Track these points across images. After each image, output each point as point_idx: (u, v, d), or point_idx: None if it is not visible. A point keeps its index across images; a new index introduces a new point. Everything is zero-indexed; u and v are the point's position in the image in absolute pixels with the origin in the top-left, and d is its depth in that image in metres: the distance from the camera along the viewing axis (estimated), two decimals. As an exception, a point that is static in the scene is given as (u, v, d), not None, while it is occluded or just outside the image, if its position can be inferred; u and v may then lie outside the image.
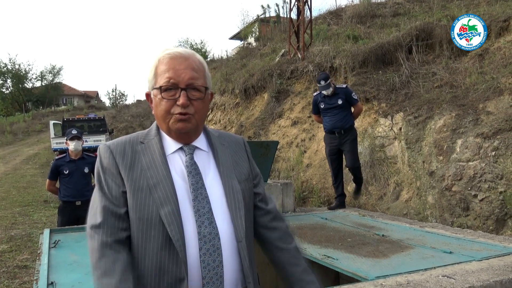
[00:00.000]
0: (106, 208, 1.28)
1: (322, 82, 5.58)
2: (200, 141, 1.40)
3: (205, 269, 1.22)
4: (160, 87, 1.30)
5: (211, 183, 1.33)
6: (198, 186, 1.29)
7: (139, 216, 1.25)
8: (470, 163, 5.77)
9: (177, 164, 1.33)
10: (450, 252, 3.24)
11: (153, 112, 1.39)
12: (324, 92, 5.58)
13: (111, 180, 1.30)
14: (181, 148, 1.36)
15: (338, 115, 5.53)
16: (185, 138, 1.36)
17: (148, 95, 1.40)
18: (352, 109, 5.70)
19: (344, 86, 5.80)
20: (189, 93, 1.30)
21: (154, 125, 1.41)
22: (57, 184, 5.35)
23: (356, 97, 5.70)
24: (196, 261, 1.23)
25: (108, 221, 1.26)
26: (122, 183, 1.29)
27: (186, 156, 1.34)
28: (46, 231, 4.00)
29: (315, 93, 5.90)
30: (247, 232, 1.34)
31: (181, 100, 1.28)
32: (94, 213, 1.30)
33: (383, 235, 3.94)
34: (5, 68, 42.41)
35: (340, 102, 5.52)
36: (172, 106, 1.30)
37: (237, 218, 1.31)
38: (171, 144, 1.36)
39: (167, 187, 1.26)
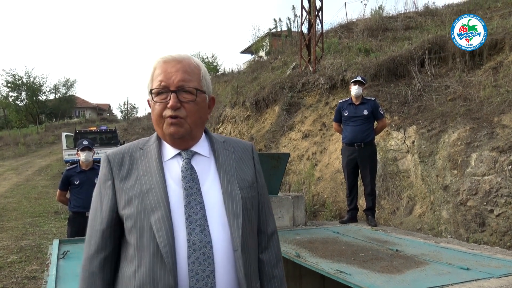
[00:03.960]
0: (91, 227, 1.33)
1: (359, 77, 5.54)
2: (200, 146, 1.36)
3: (193, 279, 1.18)
4: (151, 90, 1.30)
5: (209, 188, 1.29)
6: (192, 191, 1.25)
7: (133, 225, 1.23)
8: (486, 177, 5.65)
9: (174, 170, 1.30)
10: (467, 269, 3.15)
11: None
12: (354, 88, 5.48)
13: (104, 191, 1.32)
14: (179, 154, 1.33)
15: (360, 126, 5.43)
16: (181, 143, 1.33)
17: (148, 101, 1.38)
18: (375, 124, 5.63)
19: (373, 98, 5.71)
20: (180, 95, 1.28)
21: (156, 131, 1.40)
22: (68, 195, 5.35)
23: (382, 112, 5.62)
24: (185, 270, 1.19)
25: (91, 243, 1.31)
26: (114, 195, 1.30)
27: (183, 161, 1.31)
28: (55, 242, 3.99)
29: (341, 100, 5.83)
30: (245, 241, 1.27)
31: (170, 102, 1.26)
32: (86, 235, 1.37)
33: (397, 250, 3.84)
34: (20, 81, 43.17)
35: (365, 112, 5.42)
36: (163, 109, 1.28)
37: (233, 225, 1.25)
38: (169, 150, 1.34)
39: (159, 193, 1.24)
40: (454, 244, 4.14)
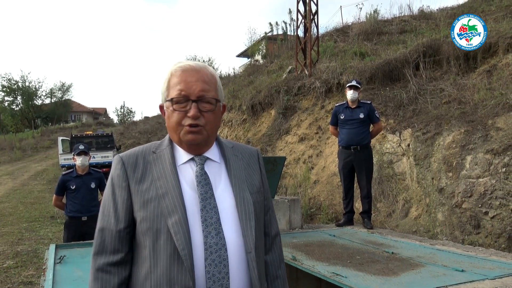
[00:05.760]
0: (104, 228, 1.33)
1: (354, 82, 5.57)
2: (212, 152, 1.41)
3: (210, 280, 1.22)
4: (172, 99, 1.33)
5: (222, 193, 1.34)
6: (207, 196, 1.30)
7: (149, 227, 1.26)
8: (480, 179, 5.69)
9: (188, 174, 1.34)
10: (462, 271, 3.17)
11: (166, 124, 1.41)
12: (350, 93, 5.51)
13: (118, 192, 1.34)
14: (192, 159, 1.37)
15: (356, 129, 5.46)
16: (196, 149, 1.37)
17: (161, 107, 1.42)
18: (371, 127, 5.65)
19: (369, 102, 5.75)
20: (200, 105, 1.32)
21: (167, 136, 1.43)
22: (64, 200, 5.35)
23: (378, 116, 5.65)
24: (202, 271, 1.23)
25: (105, 244, 1.32)
26: (129, 196, 1.32)
27: (197, 166, 1.35)
28: (52, 247, 3.98)
29: (337, 104, 5.86)
30: (257, 243, 1.32)
31: (191, 112, 1.30)
32: (96, 236, 1.36)
33: (392, 253, 3.87)
34: (15, 86, 43.02)
35: (362, 116, 5.46)
36: (183, 117, 1.32)
37: (247, 228, 1.31)
38: (182, 155, 1.37)
39: (175, 197, 1.27)
40: (450, 246, 4.17)
